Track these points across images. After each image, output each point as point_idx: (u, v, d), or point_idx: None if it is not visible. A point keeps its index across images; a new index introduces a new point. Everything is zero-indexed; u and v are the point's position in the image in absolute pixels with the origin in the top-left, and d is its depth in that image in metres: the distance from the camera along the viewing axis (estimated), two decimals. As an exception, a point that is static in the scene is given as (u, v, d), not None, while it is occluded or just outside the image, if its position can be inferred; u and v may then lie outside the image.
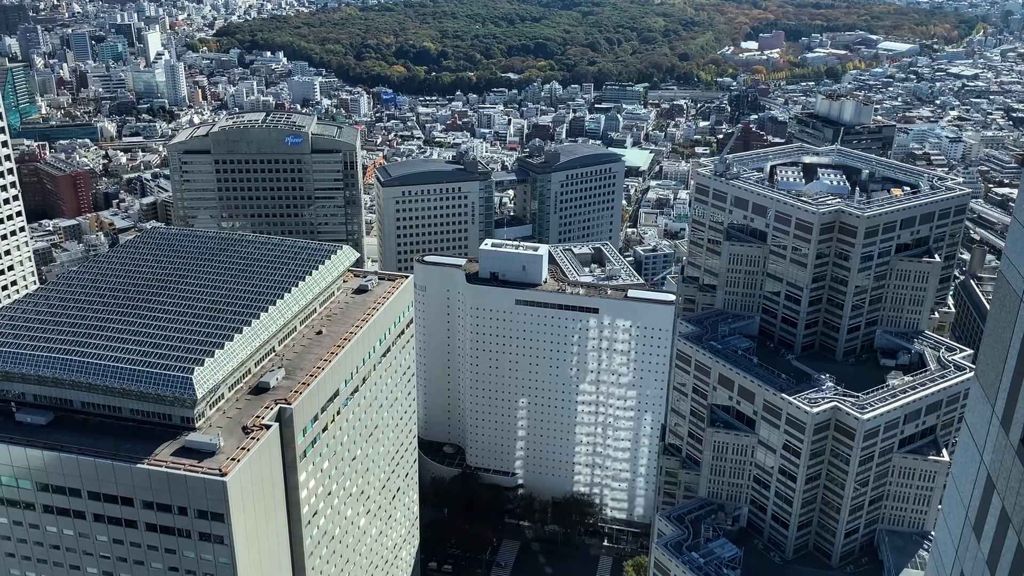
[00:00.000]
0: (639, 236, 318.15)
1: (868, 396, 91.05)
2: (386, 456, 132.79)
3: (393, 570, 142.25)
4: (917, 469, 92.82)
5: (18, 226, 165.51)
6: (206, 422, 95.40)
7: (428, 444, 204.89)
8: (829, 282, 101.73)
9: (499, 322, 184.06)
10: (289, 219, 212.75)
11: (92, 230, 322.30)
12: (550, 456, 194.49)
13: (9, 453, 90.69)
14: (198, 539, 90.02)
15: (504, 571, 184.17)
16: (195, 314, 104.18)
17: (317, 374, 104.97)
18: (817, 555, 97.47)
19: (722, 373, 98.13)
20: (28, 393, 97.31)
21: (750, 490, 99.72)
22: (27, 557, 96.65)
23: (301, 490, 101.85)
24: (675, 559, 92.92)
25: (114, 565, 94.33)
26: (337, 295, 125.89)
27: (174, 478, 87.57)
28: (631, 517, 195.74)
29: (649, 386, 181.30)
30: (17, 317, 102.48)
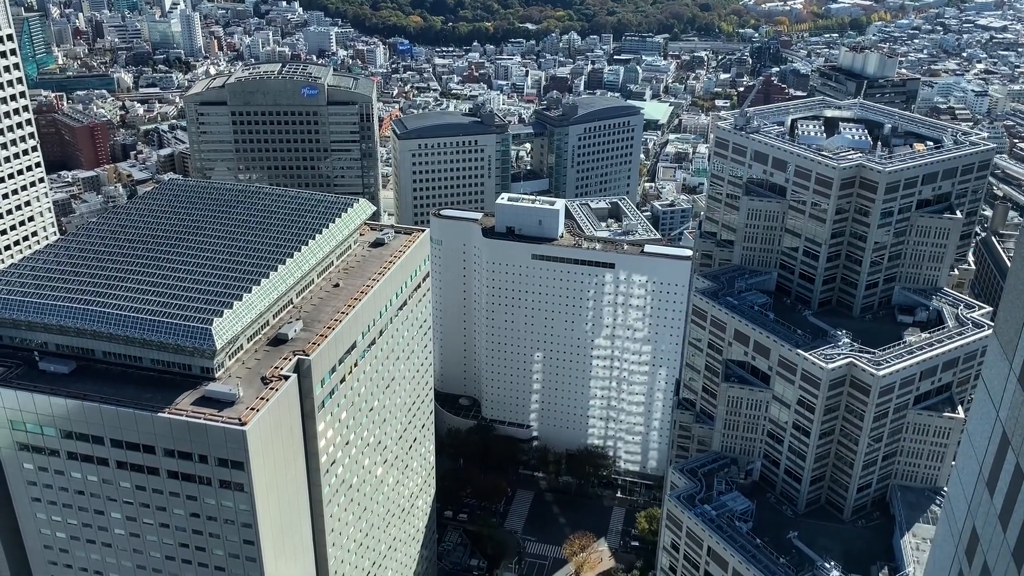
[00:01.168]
0: (657, 191, 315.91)
1: (884, 353, 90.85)
2: (403, 407, 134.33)
3: (409, 518, 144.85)
4: (932, 425, 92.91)
5: (37, 177, 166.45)
6: (225, 372, 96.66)
7: (444, 396, 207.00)
8: (848, 238, 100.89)
9: (515, 277, 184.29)
10: (305, 172, 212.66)
11: (110, 182, 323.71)
12: (565, 409, 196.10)
13: (33, 401, 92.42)
14: (218, 486, 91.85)
15: (518, 521, 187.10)
16: (213, 266, 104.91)
17: (335, 326, 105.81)
18: (829, 509, 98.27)
19: (738, 329, 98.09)
20: (51, 343, 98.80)
21: (763, 445, 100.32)
22: (53, 502, 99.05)
23: (319, 440, 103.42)
24: (687, 511, 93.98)
25: (137, 511, 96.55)
26: (354, 248, 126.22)
27: (194, 427, 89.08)
28: (644, 470, 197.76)
29: (664, 341, 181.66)
30: (38, 268, 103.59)
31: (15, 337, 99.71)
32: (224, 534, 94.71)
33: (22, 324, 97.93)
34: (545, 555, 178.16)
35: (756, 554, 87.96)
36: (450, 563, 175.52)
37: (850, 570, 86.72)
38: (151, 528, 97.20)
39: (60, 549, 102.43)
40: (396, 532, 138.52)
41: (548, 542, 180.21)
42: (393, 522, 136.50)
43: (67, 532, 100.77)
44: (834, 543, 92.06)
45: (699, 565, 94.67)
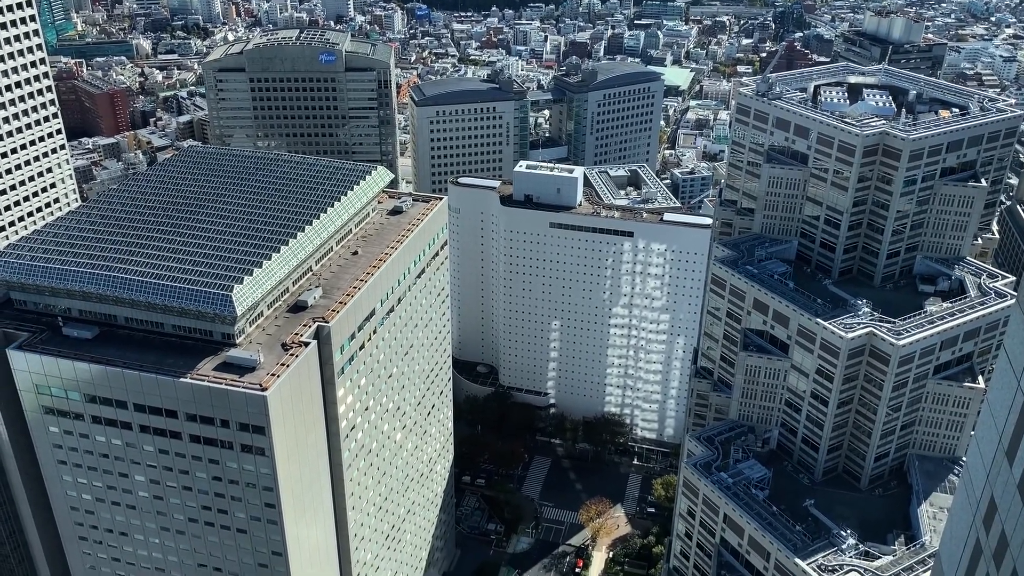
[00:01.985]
0: (677, 158, 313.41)
1: (905, 322, 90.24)
2: (421, 374, 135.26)
3: (428, 483, 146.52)
4: (951, 395, 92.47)
5: (58, 144, 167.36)
6: (246, 339, 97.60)
7: (462, 364, 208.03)
8: (870, 206, 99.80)
9: (533, 245, 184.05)
10: (323, 139, 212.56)
11: (130, 148, 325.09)
12: (582, 377, 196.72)
13: (58, 366, 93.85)
14: (240, 450, 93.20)
15: (535, 486, 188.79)
16: (233, 233, 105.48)
17: (354, 293, 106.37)
18: (846, 478, 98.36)
19: (757, 298, 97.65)
20: (74, 308, 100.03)
21: (781, 413, 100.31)
22: (78, 465, 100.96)
23: (339, 405, 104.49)
24: (704, 479, 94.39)
25: (160, 474, 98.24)
26: (372, 216, 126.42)
27: (216, 392, 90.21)
28: (661, 437, 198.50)
29: (682, 310, 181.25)
30: (61, 234, 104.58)
31: (39, 303, 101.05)
32: (246, 497, 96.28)
33: (46, 290, 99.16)
34: (562, 520, 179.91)
35: (772, 521, 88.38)
36: (468, 527, 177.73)
37: (866, 538, 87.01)
38: (174, 491, 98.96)
39: (86, 511, 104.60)
40: (415, 496, 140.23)
41: (565, 507, 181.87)
42: (412, 486, 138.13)
43: (92, 494, 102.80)
44: (850, 511, 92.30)
45: (715, 532, 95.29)
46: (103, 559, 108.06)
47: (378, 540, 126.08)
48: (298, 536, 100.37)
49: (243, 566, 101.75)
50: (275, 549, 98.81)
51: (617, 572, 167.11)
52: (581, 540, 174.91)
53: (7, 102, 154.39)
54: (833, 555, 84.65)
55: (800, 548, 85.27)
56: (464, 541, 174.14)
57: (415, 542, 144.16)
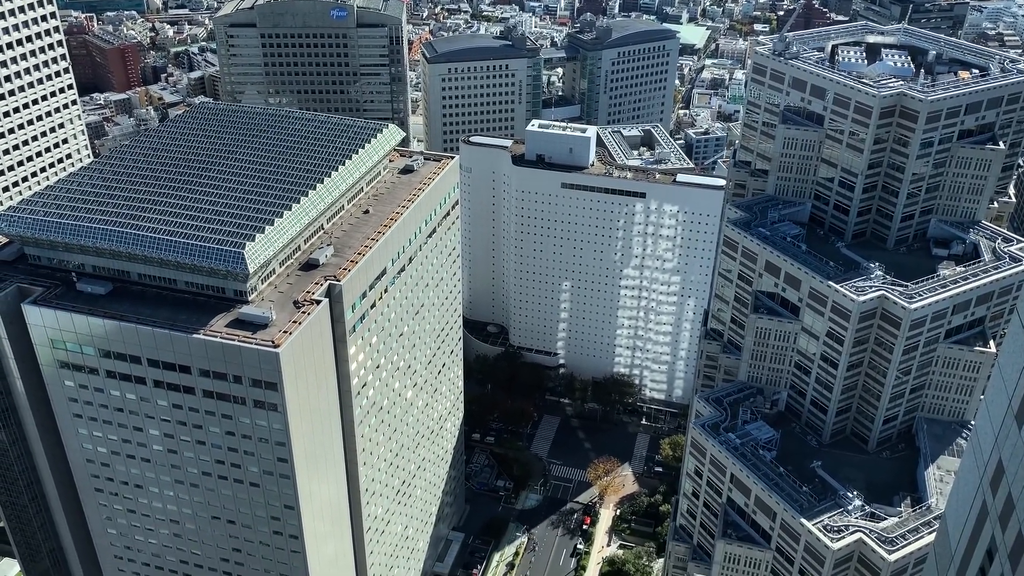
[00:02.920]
0: (691, 118, 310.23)
1: (917, 286, 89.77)
2: (432, 333, 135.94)
3: (438, 440, 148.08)
4: (962, 360, 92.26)
5: (70, 99, 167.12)
6: (258, 296, 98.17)
7: (472, 323, 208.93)
8: (885, 169, 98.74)
9: (544, 205, 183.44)
10: (335, 95, 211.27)
11: (142, 104, 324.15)
12: (592, 338, 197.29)
13: (72, 321, 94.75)
14: (253, 406, 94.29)
15: (544, 445, 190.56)
16: (245, 190, 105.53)
17: (365, 252, 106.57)
18: (854, 440, 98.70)
19: (769, 260, 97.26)
20: (88, 264, 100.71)
21: (790, 375, 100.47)
22: (93, 418, 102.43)
23: (351, 363, 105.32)
24: (712, 439, 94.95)
25: (174, 428, 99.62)
26: (383, 174, 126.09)
27: (229, 348, 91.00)
28: (670, 398, 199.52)
29: (694, 272, 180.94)
30: (74, 190, 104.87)
31: (53, 258, 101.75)
32: (258, 452, 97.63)
33: (59, 245, 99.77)
34: (570, 478, 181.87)
35: (779, 482, 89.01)
36: (477, 483, 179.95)
37: (873, 500, 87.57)
38: (188, 445, 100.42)
39: (101, 463, 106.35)
40: (425, 453, 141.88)
41: (573, 466, 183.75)
42: (422, 443, 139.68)
43: (108, 447, 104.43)
44: (857, 473, 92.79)
45: (722, 491, 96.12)
46: (119, 510, 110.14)
47: (389, 495, 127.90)
48: (310, 490, 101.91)
49: (256, 519, 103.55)
50: (287, 503, 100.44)
51: (624, 529, 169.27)
52: (589, 498, 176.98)
53: (19, 56, 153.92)
54: (839, 516, 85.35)
55: (806, 508, 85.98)
56: (473, 497, 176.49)
57: (425, 497, 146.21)
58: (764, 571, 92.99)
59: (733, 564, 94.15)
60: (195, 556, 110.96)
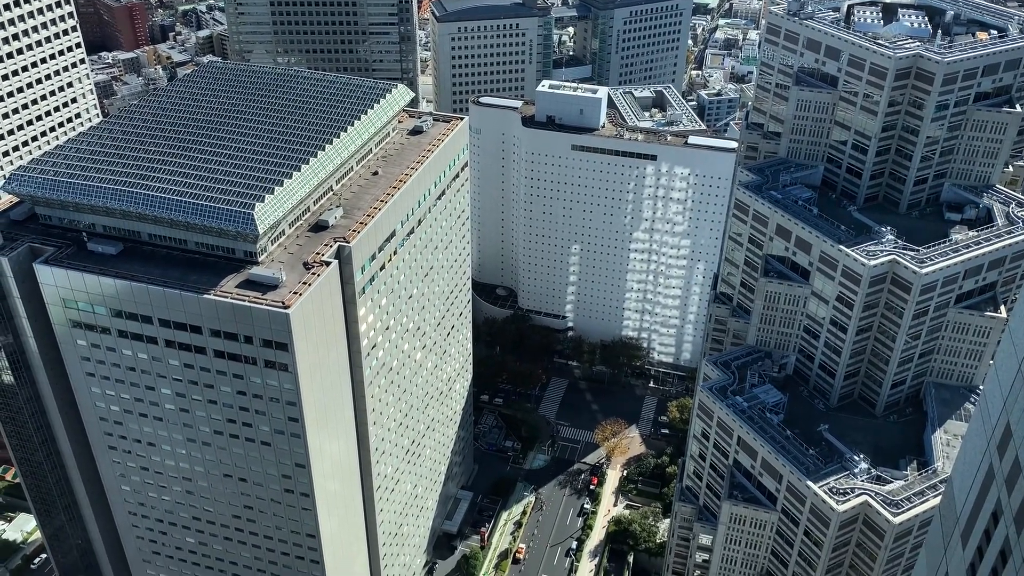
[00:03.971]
0: (704, 79, 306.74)
1: (929, 250, 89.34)
2: (441, 295, 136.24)
3: (447, 401, 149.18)
4: (972, 325, 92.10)
5: (78, 58, 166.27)
6: (268, 257, 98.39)
7: (481, 286, 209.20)
8: (899, 132, 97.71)
9: (554, 167, 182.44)
10: (343, 55, 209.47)
11: (150, 64, 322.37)
12: (600, 301, 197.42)
13: (84, 280, 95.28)
14: (264, 366, 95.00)
15: (552, 406, 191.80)
16: (254, 150, 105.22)
17: (374, 214, 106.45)
18: (861, 404, 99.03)
19: (780, 223, 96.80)
20: (98, 224, 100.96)
21: (799, 339, 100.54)
22: (106, 377, 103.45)
23: (360, 324, 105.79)
24: (719, 402, 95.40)
25: (186, 387, 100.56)
26: (392, 135, 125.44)
27: (239, 309, 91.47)
28: (678, 361, 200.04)
29: (704, 235, 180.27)
30: (83, 150, 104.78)
31: (64, 218, 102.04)
32: (269, 411, 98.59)
33: (70, 205, 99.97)
34: (577, 439, 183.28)
35: (786, 445, 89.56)
36: (486, 444, 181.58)
37: (879, 463, 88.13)
38: (200, 404, 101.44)
39: (115, 421, 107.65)
40: (434, 413, 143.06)
41: (580, 427, 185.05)
42: (431, 404, 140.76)
43: (120, 406, 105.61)
44: (864, 437, 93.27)
45: (728, 454, 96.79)
46: (132, 467, 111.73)
47: (398, 454, 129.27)
48: (320, 449, 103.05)
49: (267, 477, 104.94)
50: (298, 461, 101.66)
51: (630, 490, 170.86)
52: (596, 459, 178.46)
53: (26, 14, 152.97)
54: (845, 479, 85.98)
55: (812, 471, 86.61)
56: (482, 457, 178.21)
57: (434, 457, 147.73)
58: (769, 532, 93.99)
59: (738, 525, 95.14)
60: (207, 513, 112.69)
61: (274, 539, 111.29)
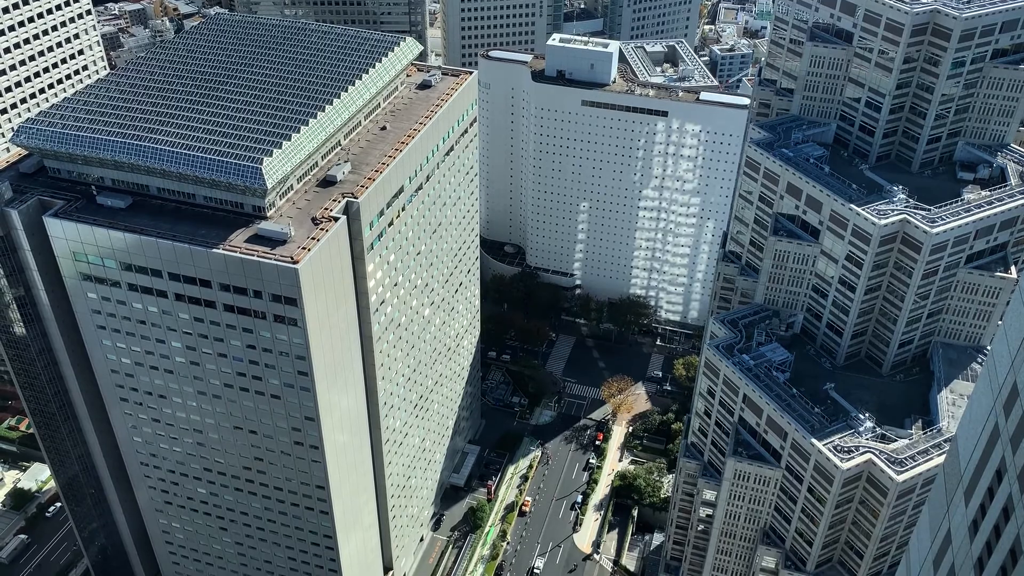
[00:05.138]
0: (717, 34, 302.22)
1: (940, 209, 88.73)
2: (449, 252, 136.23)
3: (455, 357, 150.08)
4: (982, 285, 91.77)
5: (84, 9, 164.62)
6: (276, 212, 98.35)
7: (490, 243, 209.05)
8: (914, 89, 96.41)
9: (564, 123, 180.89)
10: (351, 7, 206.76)
11: (157, 15, 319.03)
12: (608, 259, 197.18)
13: (94, 234, 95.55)
14: (273, 321, 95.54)
15: (559, 363, 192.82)
16: (261, 104, 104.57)
17: (382, 169, 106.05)
18: (868, 363, 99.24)
19: (791, 181, 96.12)
20: (107, 177, 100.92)
21: (807, 298, 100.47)
22: (117, 330, 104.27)
23: (369, 280, 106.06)
24: (725, 360, 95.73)
25: (196, 341, 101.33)
26: (401, 90, 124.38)
27: (248, 263, 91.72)
28: (685, 320, 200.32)
29: (714, 193, 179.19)
30: (91, 102, 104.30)
31: (72, 171, 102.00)
32: (279, 365, 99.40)
33: (78, 158, 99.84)
34: (583, 396, 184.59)
35: (791, 403, 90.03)
36: (493, 399, 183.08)
37: (884, 422, 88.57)
38: (210, 357, 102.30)
39: (126, 374, 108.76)
40: (442, 369, 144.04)
41: (587, 384, 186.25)
42: (439, 359, 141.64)
43: (131, 358, 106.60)
44: (870, 396, 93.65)
45: (734, 411, 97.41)
46: (144, 419, 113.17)
47: (407, 408, 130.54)
48: (330, 402, 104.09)
49: (277, 429, 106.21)
50: (308, 414, 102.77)
51: (636, 446, 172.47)
52: (602, 415, 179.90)
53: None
54: (850, 437, 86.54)
55: (817, 429, 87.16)
56: (489, 412, 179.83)
57: (442, 411, 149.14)
58: (773, 489, 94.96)
59: (742, 481, 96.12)
60: (218, 464, 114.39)
61: (284, 490, 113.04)
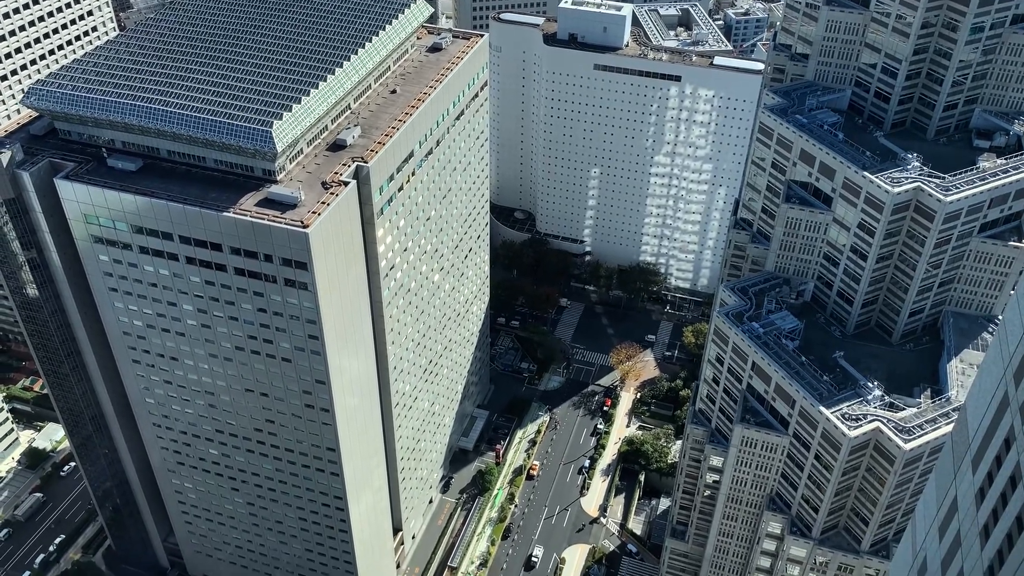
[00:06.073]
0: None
1: (955, 178, 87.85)
2: (459, 218, 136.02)
3: (464, 322, 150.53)
4: (995, 254, 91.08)
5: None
6: (287, 176, 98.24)
7: (499, 209, 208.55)
8: (931, 55, 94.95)
9: (576, 88, 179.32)
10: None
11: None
12: (619, 226, 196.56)
13: (104, 196, 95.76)
14: (283, 284, 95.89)
15: (568, 330, 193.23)
16: (271, 67, 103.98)
17: (392, 134, 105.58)
18: (878, 332, 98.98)
19: (804, 148, 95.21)
20: (117, 140, 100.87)
21: (818, 266, 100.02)
22: (128, 293, 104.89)
23: (379, 245, 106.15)
24: (735, 328, 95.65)
25: (207, 304, 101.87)
26: (411, 53, 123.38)
27: (259, 227, 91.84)
28: (695, 287, 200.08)
29: (726, 160, 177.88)
30: (101, 64, 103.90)
31: (83, 133, 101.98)
32: (290, 329, 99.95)
33: (89, 120, 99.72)
34: (592, 362, 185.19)
35: (800, 370, 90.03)
36: (502, 365, 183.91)
37: (893, 391, 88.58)
38: (221, 320, 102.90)
39: (138, 335, 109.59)
40: (451, 334, 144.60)
41: (596, 351, 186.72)
42: (449, 325, 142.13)
43: (143, 320, 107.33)
44: (880, 364, 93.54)
45: (742, 379, 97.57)
46: (156, 381, 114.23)
47: (416, 373, 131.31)
48: (340, 366, 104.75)
49: (288, 392, 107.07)
50: (318, 378, 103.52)
51: (643, 412, 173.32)
52: (610, 381, 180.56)
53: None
54: (858, 405, 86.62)
55: (825, 397, 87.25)
56: (498, 378, 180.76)
57: (451, 376, 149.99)
58: (780, 456, 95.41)
59: (750, 448, 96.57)
60: (230, 426, 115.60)
61: (295, 452, 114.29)
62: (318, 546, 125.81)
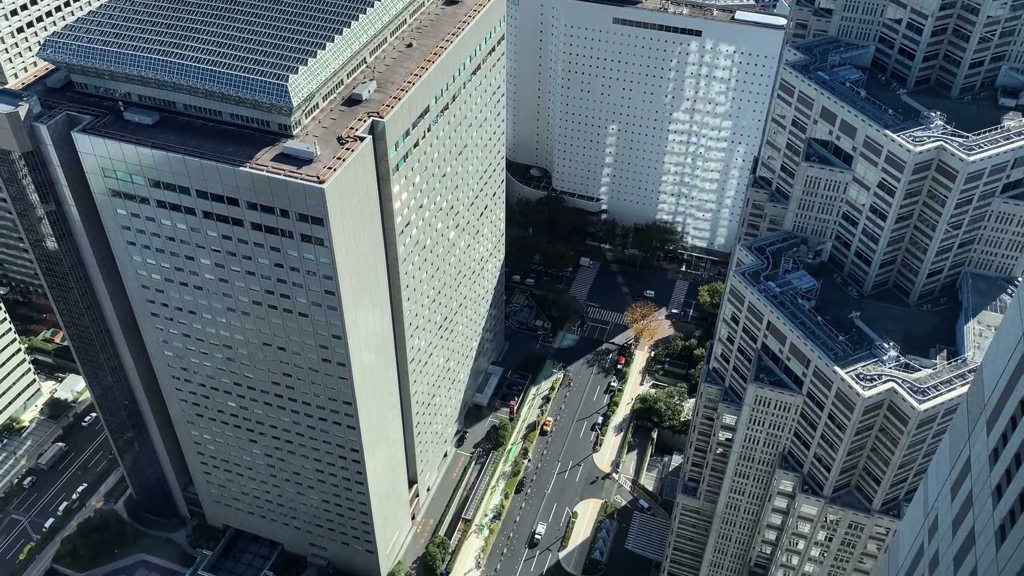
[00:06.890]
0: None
1: (978, 137, 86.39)
2: (475, 175, 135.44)
3: (479, 279, 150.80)
4: (1017, 215, 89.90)
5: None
6: (302, 131, 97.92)
7: (516, 166, 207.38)
8: (958, 10, 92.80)
9: (594, 42, 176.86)
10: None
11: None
12: (636, 184, 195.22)
13: (122, 150, 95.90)
14: (300, 240, 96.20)
15: (583, 288, 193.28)
16: (287, 20, 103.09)
17: (408, 88, 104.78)
18: (896, 292, 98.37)
19: (825, 106, 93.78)
20: (134, 93, 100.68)
21: (837, 226, 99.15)
22: (146, 247, 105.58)
23: (394, 201, 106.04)
24: (751, 287, 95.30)
25: (224, 258, 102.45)
26: (427, 5, 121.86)
27: (275, 182, 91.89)
28: (711, 246, 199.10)
29: (746, 117, 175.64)
30: (117, 16, 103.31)
31: (100, 86, 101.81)
32: (306, 284, 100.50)
33: (105, 73, 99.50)
34: (607, 320, 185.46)
35: (815, 330, 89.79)
36: (516, 322, 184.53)
37: (909, 351, 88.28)
38: (238, 275, 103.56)
39: (156, 289, 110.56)
40: (466, 292, 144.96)
41: (610, 309, 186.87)
42: (464, 282, 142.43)
43: (161, 274, 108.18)
44: (896, 325, 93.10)
45: (757, 338, 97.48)
46: (174, 334, 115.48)
47: (431, 329, 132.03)
48: (356, 321, 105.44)
49: (305, 346, 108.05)
50: (335, 332, 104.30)
51: (657, 370, 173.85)
52: (625, 339, 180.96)
53: None
54: (873, 365, 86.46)
55: (840, 357, 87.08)
56: (512, 335, 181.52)
57: (466, 333, 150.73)
58: (793, 415, 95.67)
59: (763, 407, 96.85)
60: (247, 379, 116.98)
61: (312, 405, 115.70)
62: (335, 497, 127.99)
